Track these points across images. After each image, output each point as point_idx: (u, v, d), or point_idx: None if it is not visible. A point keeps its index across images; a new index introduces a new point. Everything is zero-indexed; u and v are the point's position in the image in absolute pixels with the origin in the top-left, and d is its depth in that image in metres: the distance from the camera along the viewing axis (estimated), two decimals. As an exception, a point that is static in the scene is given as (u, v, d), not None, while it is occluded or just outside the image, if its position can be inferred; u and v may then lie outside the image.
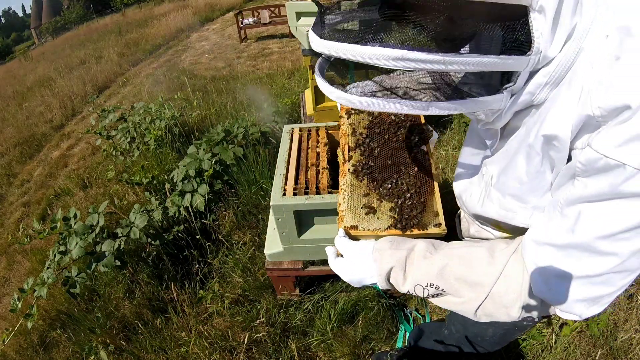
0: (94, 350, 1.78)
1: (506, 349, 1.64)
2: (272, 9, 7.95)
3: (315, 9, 2.43)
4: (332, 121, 2.42)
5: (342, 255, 0.78)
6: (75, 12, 30.06)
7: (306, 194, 1.38)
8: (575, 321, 0.71)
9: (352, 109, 1.03)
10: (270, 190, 1.63)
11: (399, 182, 0.87)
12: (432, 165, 0.90)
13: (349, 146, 0.95)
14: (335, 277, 1.94)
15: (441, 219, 0.82)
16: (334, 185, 1.46)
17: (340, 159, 0.96)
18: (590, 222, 0.51)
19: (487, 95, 0.54)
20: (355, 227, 0.80)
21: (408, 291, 0.69)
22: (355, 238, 0.81)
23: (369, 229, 0.80)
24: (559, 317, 1.67)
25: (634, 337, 1.59)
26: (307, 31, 2.43)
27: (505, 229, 0.80)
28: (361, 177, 0.89)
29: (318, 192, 1.37)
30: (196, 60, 7.35)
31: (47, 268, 1.80)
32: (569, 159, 0.54)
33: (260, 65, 6.10)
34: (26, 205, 4.05)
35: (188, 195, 2.20)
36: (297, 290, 1.84)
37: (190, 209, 2.20)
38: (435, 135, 1.02)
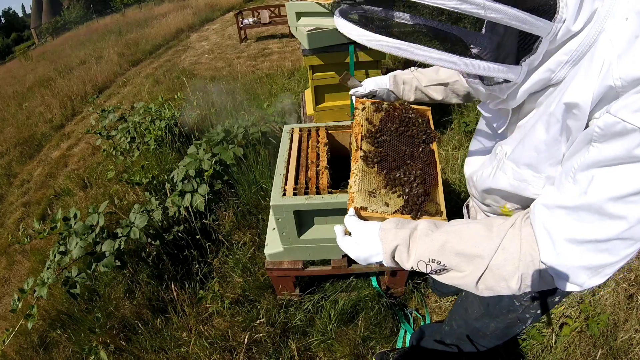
0: (94, 351, 1.77)
1: (506, 349, 1.64)
2: (272, 9, 7.95)
3: (315, 9, 2.43)
4: (332, 121, 2.42)
5: (349, 234, 0.81)
6: (75, 12, 30.05)
7: (306, 194, 1.38)
8: (578, 292, 0.76)
9: (366, 103, 1.09)
10: (270, 190, 1.63)
11: (407, 172, 0.93)
12: (437, 162, 0.97)
13: (362, 135, 1.01)
14: (335, 277, 1.94)
15: (443, 208, 0.88)
16: (334, 185, 1.46)
17: (353, 145, 1.02)
18: (603, 184, 0.53)
19: (508, 65, 0.59)
20: (364, 209, 0.86)
21: (412, 267, 0.71)
22: (363, 219, 0.84)
23: (377, 212, 0.86)
24: (559, 317, 1.68)
25: (634, 337, 1.59)
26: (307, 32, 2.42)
27: (511, 211, 0.85)
28: (371, 165, 0.95)
29: (318, 192, 1.37)
30: (196, 60, 7.35)
31: (47, 268, 1.80)
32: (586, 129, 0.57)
33: (260, 65, 6.10)
34: (26, 205, 4.05)
35: (188, 195, 2.20)
36: (297, 290, 1.84)
37: (190, 209, 2.20)
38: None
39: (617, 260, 0.57)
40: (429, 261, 0.69)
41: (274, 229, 1.62)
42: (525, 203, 0.79)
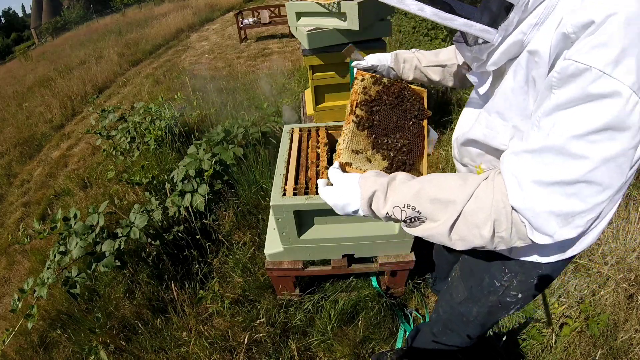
0: (94, 351, 1.77)
1: (506, 349, 1.64)
2: (272, 9, 7.95)
3: (315, 9, 2.43)
4: (332, 121, 2.42)
5: (331, 185, 0.85)
6: (75, 12, 30.04)
7: (306, 194, 1.38)
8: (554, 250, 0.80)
9: (366, 75, 1.15)
10: (270, 190, 1.63)
11: (395, 140, 0.99)
12: (426, 137, 1.03)
13: (357, 102, 1.06)
14: (335, 277, 1.94)
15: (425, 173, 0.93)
16: (334, 185, 1.46)
17: (347, 110, 1.06)
18: (564, 125, 0.56)
19: (485, 25, 0.67)
20: (349, 164, 0.91)
21: (387, 213, 0.73)
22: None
23: (360, 169, 0.91)
24: (559, 317, 1.68)
25: (634, 337, 1.59)
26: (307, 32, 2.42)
27: (485, 171, 0.89)
28: (362, 128, 1.00)
29: (318, 192, 1.37)
30: (196, 60, 7.35)
31: (47, 268, 1.80)
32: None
33: (260, 65, 6.10)
34: (26, 205, 4.05)
35: (188, 195, 2.20)
36: (297, 290, 1.85)
37: (190, 209, 2.21)
38: (435, 135, 1.07)
39: (587, 209, 0.58)
40: (404, 207, 0.71)
41: (274, 229, 1.62)
42: (497, 164, 0.85)
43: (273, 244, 1.61)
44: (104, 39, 11.22)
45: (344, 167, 0.90)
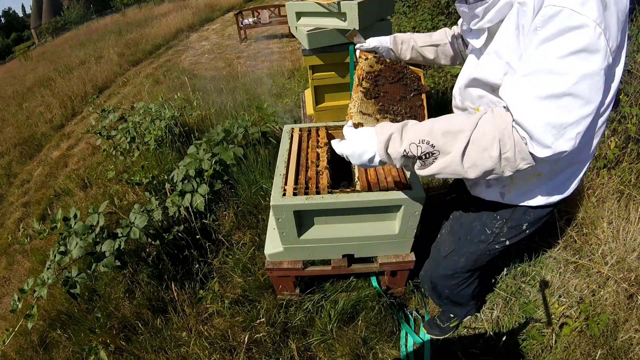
0: (94, 351, 1.77)
1: (506, 349, 1.64)
2: (272, 9, 7.95)
3: (315, 9, 2.43)
4: (332, 121, 2.42)
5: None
6: (75, 12, 30.02)
7: (306, 194, 1.38)
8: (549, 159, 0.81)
9: (369, 56, 1.22)
10: (270, 190, 1.63)
11: (399, 107, 1.11)
12: (425, 106, 1.15)
13: (363, 76, 1.15)
14: (335, 277, 1.93)
15: None
16: (334, 185, 1.46)
17: (355, 82, 1.16)
18: (549, 51, 0.71)
19: None
20: (361, 124, 1.01)
21: (404, 150, 0.82)
22: None
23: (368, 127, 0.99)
24: (559, 317, 1.68)
25: (634, 337, 1.59)
26: (307, 32, 2.42)
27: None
28: (369, 97, 1.10)
29: (318, 192, 1.37)
30: (196, 60, 7.35)
31: (47, 268, 1.80)
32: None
33: (261, 65, 6.10)
34: (26, 205, 4.05)
35: (188, 195, 2.20)
36: (297, 290, 1.84)
37: (190, 209, 2.20)
38: None
39: (575, 121, 0.71)
40: (419, 142, 0.80)
41: (274, 229, 1.62)
42: (494, 101, 0.96)
43: (273, 244, 1.60)
44: (104, 39, 11.22)
45: (356, 126, 0.99)
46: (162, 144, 3.08)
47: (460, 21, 1.19)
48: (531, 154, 0.76)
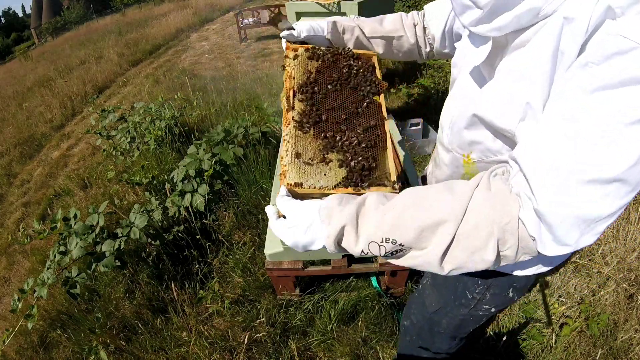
0: (94, 351, 1.77)
1: (506, 349, 1.64)
2: (272, 9, 7.95)
3: (315, 9, 2.43)
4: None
5: (284, 217, 0.67)
6: (75, 12, 30.02)
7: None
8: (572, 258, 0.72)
9: (299, 50, 0.93)
10: (270, 190, 1.63)
11: (349, 135, 0.79)
12: (385, 118, 0.83)
13: (294, 90, 0.85)
14: (335, 277, 1.93)
15: (394, 176, 0.76)
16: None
17: (283, 105, 0.84)
18: (606, 108, 0.46)
19: None
20: (299, 185, 0.71)
21: (362, 251, 0.60)
22: (300, 197, 0.71)
23: (315, 187, 0.71)
24: (559, 317, 1.68)
25: (634, 337, 1.59)
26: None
27: (474, 162, 0.77)
28: (307, 127, 0.80)
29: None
30: (196, 60, 7.35)
31: (47, 268, 1.80)
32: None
33: (260, 65, 6.10)
34: (26, 205, 4.05)
35: (188, 195, 2.20)
36: (297, 290, 1.84)
37: (190, 209, 2.20)
38: (435, 134, 1.03)
39: (612, 213, 0.50)
40: (382, 241, 0.58)
41: (274, 229, 1.62)
42: (492, 150, 0.72)
43: (273, 244, 1.60)
44: (104, 39, 11.22)
45: (294, 191, 0.71)
46: (162, 144, 3.08)
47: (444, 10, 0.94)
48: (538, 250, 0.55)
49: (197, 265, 2.14)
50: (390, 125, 1.93)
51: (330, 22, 0.96)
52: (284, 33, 0.94)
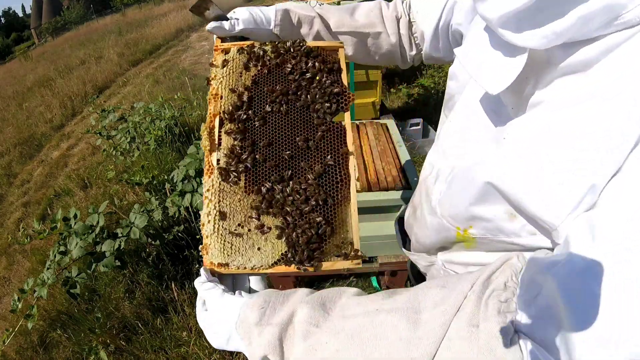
0: (94, 351, 1.77)
1: (506, 349, 1.63)
2: (272, 9, 7.94)
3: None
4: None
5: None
6: (75, 12, 30.04)
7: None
8: None
9: (231, 50, 0.67)
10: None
11: (294, 187, 0.57)
12: (350, 153, 0.59)
13: (220, 118, 0.61)
14: (335, 278, 1.93)
15: (357, 243, 0.56)
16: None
17: (204, 143, 0.61)
18: None
19: None
20: (224, 265, 0.55)
21: None
22: (227, 276, 0.58)
23: (245, 267, 0.55)
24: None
25: (634, 337, 1.58)
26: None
27: (473, 239, 0.52)
28: (236, 176, 0.58)
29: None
30: (196, 60, 7.35)
31: (47, 268, 1.80)
32: None
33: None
34: (26, 206, 4.05)
35: (188, 195, 2.20)
36: (297, 291, 1.84)
37: (190, 209, 2.20)
38: (435, 134, 0.98)
39: None
40: None
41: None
42: (504, 231, 0.46)
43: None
44: (104, 39, 11.22)
45: (217, 273, 0.56)
46: (162, 144, 3.08)
47: None
48: None
49: (197, 265, 2.14)
50: (390, 125, 1.93)
51: (279, 10, 0.70)
52: (211, 25, 0.66)
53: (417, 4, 0.74)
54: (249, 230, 0.57)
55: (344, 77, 0.64)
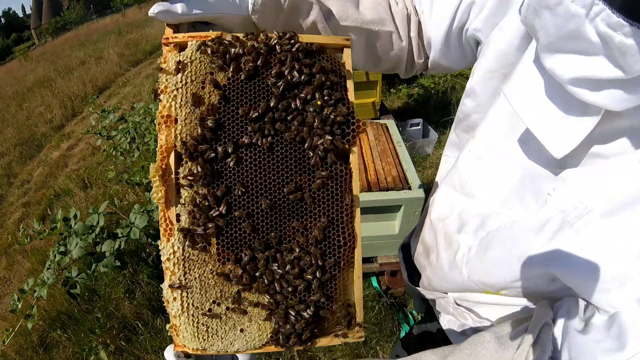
0: (94, 351, 1.77)
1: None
2: None
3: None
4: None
5: None
6: (75, 13, 30.06)
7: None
8: None
9: (189, 41, 0.46)
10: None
11: (285, 258, 0.44)
12: (355, 205, 0.45)
13: (176, 152, 0.44)
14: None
15: (360, 316, 0.46)
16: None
17: (155, 193, 0.44)
18: None
19: None
20: (201, 350, 0.49)
21: None
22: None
23: (227, 351, 0.48)
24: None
25: (634, 337, 1.58)
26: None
27: (503, 296, 0.47)
28: (205, 239, 0.44)
29: None
30: (196, 60, 7.35)
31: (47, 268, 1.80)
32: None
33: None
34: (26, 206, 4.05)
35: (188, 196, 2.20)
36: (297, 291, 1.84)
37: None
38: (435, 135, 0.97)
39: None
40: None
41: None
42: (540, 292, 0.41)
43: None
44: (104, 39, 11.23)
45: (190, 356, 0.45)
46: (162, 144, 3.08)
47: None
48: None
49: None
50: (390, 126, 1.92)
51: None
52: (156, 7, 0.46)
53: (421, 2, 0.59)
54: (227, 308, 0.45)
55: (351, 91, 0.45)
